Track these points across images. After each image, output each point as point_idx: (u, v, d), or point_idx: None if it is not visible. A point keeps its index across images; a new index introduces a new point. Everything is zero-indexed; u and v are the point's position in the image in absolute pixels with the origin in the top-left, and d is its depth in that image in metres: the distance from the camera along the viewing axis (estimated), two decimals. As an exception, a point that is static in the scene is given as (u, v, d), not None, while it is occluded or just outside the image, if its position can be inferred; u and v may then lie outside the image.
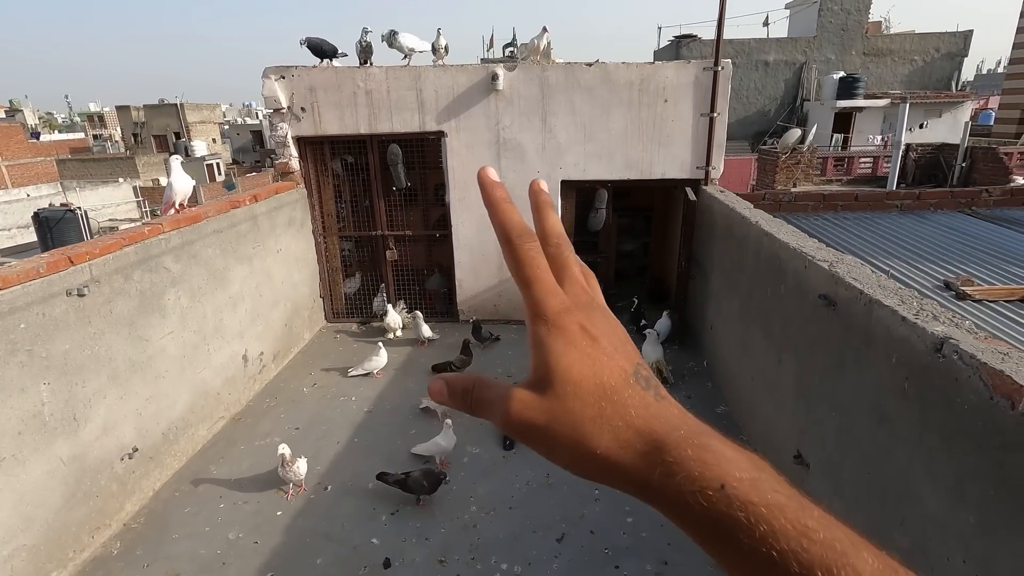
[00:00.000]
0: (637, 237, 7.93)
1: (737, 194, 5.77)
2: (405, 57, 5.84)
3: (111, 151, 44.34)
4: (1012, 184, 13.44)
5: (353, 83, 5.67)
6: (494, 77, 5.53)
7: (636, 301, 6.20)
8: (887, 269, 5.41)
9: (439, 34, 5.92)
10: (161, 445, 3.90)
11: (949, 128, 24.51)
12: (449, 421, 3.99)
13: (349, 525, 3.49)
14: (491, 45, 30.80)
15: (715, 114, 5.51)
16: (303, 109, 5.80)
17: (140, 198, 24.33)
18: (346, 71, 5.71)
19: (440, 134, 5.85)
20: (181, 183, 4.41)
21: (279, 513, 3.61)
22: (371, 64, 5.77)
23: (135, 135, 45.20)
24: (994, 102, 30.30)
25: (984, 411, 1.81)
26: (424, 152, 6.28)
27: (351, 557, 3.24)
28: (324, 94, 5.74)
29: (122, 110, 46.55)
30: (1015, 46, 26.80)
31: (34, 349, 2.96)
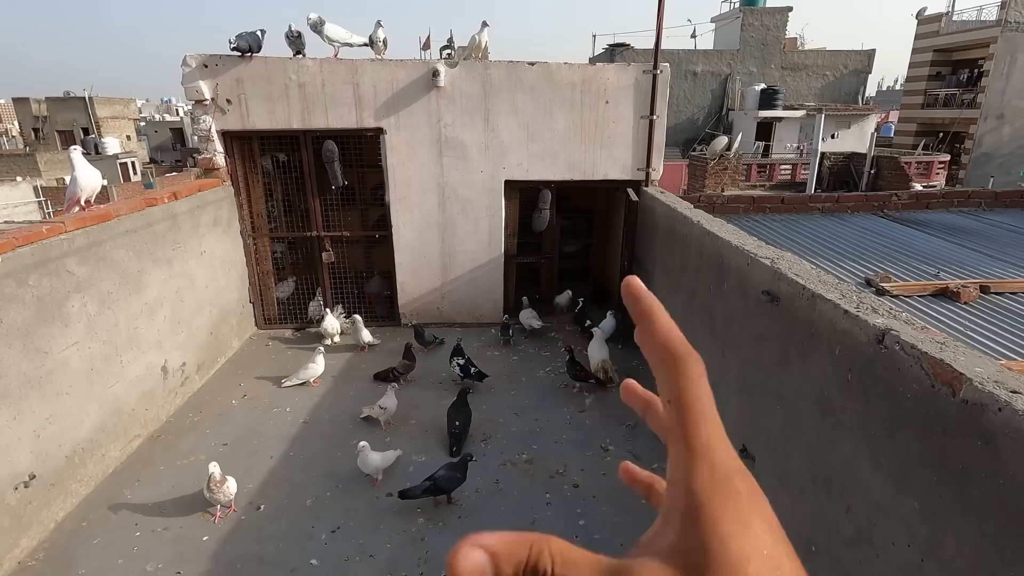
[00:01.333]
0: (579, 238, 7.98)
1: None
2: (335, 50, 5.56)
3: (7, 147, 40.36)
4: (915, 189, 14.68)
5: (284, 75, 5.36)
6: (435, 73, 5.37)
7: (581, 302, 6.21)
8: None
9: (378, 26, 5.70)
10: (64, 470, 3.48)
11: (857, 139, 26.58)
12: (395, 384, 3.87)
13: (285, 546, 3.23)
14: (427, 46, 30.42)
15: (654, 116, 5.61)
16: (229, 101, 5.41)
17: (43, 198, 22.21)
18: (276, 62, 5.38)
19: (379, 131, 5.62)
20: (86, 177, 3.97)
21: (205, 538, 3.30)
22: (303, 56, 5.46)
23: (36, 130, 41.36)
24: (894, 116, 33.20)
25: (926, 399, 1.87)
26: (362, 150, 6.02)
27: (288, 582, 2.99)
28: (252, 86, 5.38)
29: (20, 102, 42.49)
30: (911, 65, 29.40)
31: (-99, 366, 2.54)
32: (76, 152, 4.04)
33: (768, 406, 3.02)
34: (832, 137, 27.57)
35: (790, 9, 29.05)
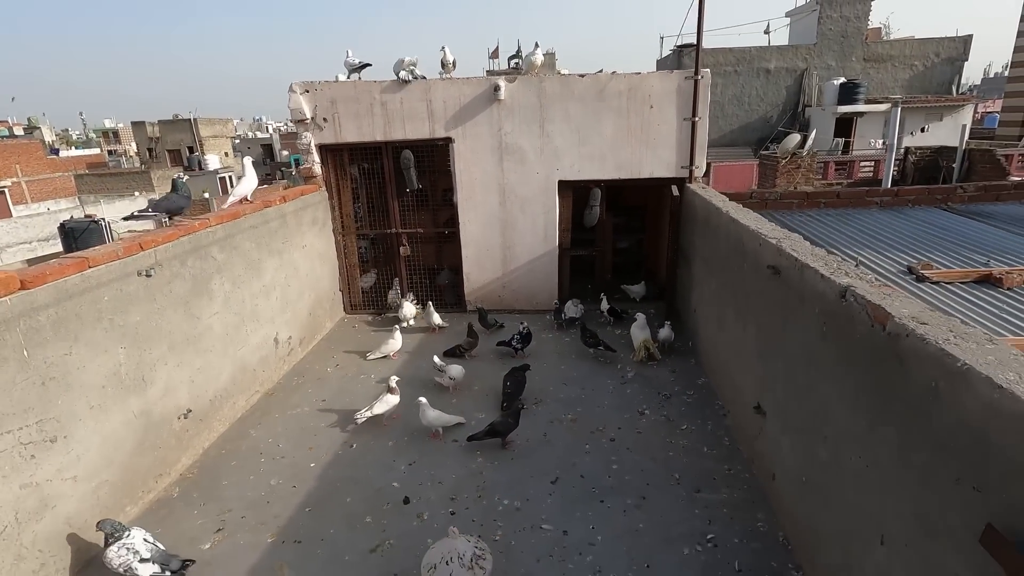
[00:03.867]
0: (632, 234, 8.49)
1: (727, 193, 6.32)
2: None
3: (126, 166, 45.64)
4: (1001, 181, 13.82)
5: (370, 95, 6.32)
6: (496, 88, 6.14)
7: (604, 297, 6.59)
8: (856, 257, 5.94)
9: (445, 51, 6.56)
10: (209, 410, 4.50)
11: (950, 131, 24.91)
12: (395, 380, 4.75)
13: (372, 473, 4.06)
14: (496, 55, 31.65)
15: (697, 118, 6.08)
16: (325, 120, 6.45)
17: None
18: (364, 85, 6.35)
19: (448, 140, 6.46)
20: (251, 179, 5.30)
21: (312, 465, 4.19)
22: (361, 78, 6.51)
23: (150, 150, 46.50)
24: (999, 105, 30.70)
25: (868, 337, 2.36)
26: (434, 157, 6.90)
27: (375, 496, 3.80)
28: (344, 106, 6.38)
29: (137, 126, 47.94)
30: (1016, 50, 27.21)
31: (114, 318, 3.57)
32: (248, 159, 5.28)
33: (775, 365, 3.49)
34: (922, 131, 26.00)
35: (873, -2, 27.69)
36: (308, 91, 6.38)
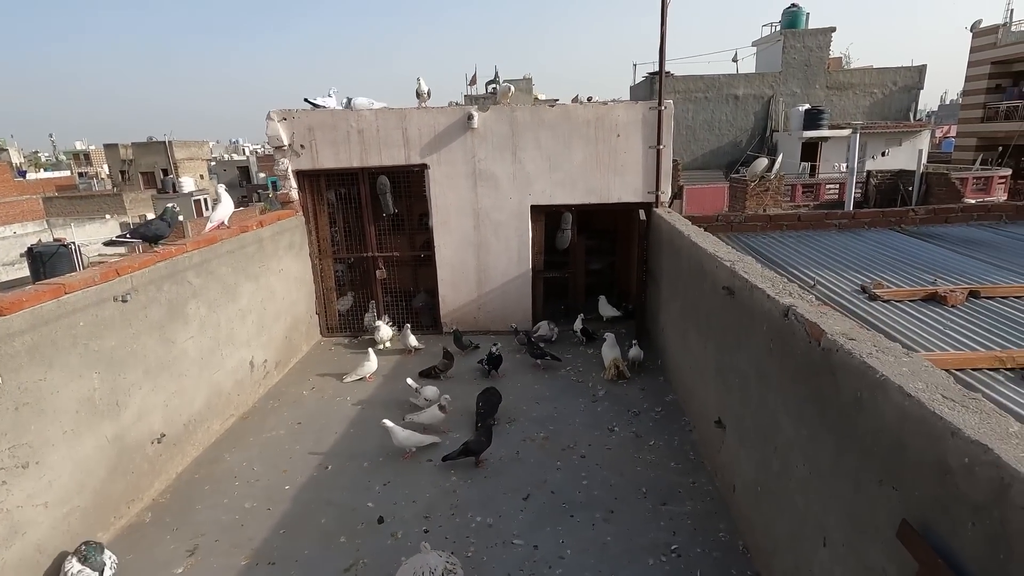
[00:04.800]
0: (604, 256, 8.74)
1: (695, 216, 6.61)
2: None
3: (97, 188, 44.89)
4: (964, 204, 14.56)
5: (347, 123, 6.49)
6: (470, 117, 6.37)
7: (580, 317, 6.80)
8: (813, 277, 6.25)
9: (420, 81, 6.80)
10: (183, 434, 4.51)
11: (909, 156, 26.10)
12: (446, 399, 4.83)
13: (347, 494, 4.11)
14: (474, 81, 32.27)
15: (661, 146, 6.39)
16: (302, 146, 6.59)
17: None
18: (341, 113, 6.53)
19: (424, 166, 6.65)
20: (227, 206, 5.38)
21: (287, 487, 4.22)
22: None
23: (122, 172, 45.86)
24: (955, 130, 32.31)
25: (806, 353, 2.56)
26: (410, 183, 7.08)
27: (350, 516, 3.86)
28: (321, 133, 6.54)
29: (110, 148, 47.30)
30: (967, 79, 28.80)
31: (89, 344, 3.62)
32: (222, 187, 5.36)
33: (732, 382, 3.69)
34: (883, 155, 27.20)
35: (833, 30, 29.11)
36: (286, 119, 6.53)
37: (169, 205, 5.16)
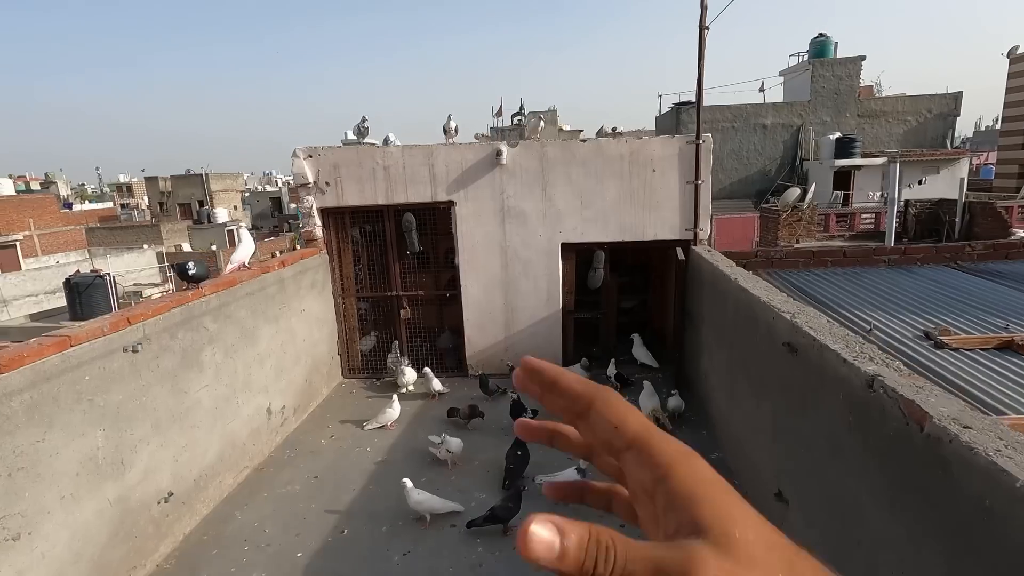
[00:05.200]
0: (636, 294, 8.35)
1: (732, 252, 6.23)
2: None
3: (137, 219, 46.48)
4: (1017, 236, 13.80)
5: (373, 160, 6.34)
6: (498, 153, 6.16)
7: (612, 362, 6.40)
8: (870, 321, 5.76)
9: (449, 118, 6.65)
10: (192, 491, 4.23)
11: (947, 184, 25.22)
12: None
13: (364, 566, 3.75)
14: (500, 114, 32.62)
15: (699, 181, 6.05)
16: (327, 183, 6.45)
17: (164, 263, 25.39)
18: (367, 149, 6.39)
19: (450, 203, 6.44)
20: (248, 246, 5.27)
21: (299, 555, 3.89)
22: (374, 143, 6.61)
23: (161, 204, 47.48)
24: (994, 157, 31.25)
25: (903, 436, 2.15)
26: (435, 219, 6.87)
27: (366, 593, 3.49)
28: (347, 170, 6.40)
29: (150, 180, 49.16)
30: (1006, 105, 27.92)
31: (95, 399, 3.39)
32: (243, 228, 5.18)
33: (795, 450, 3.25)
34: (920, 183, 26.32)
35: (863, 58, 28.66)
36: (311, 156, 6.42)
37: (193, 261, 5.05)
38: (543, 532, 0.28)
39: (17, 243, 26.26)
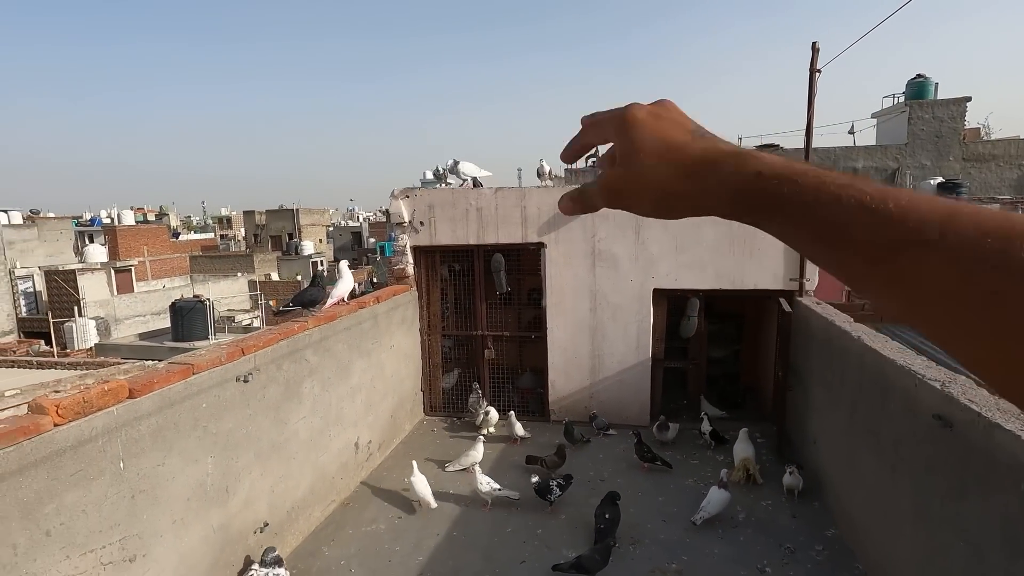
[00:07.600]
0: (727, 344, 7.90)
1: (834, 303, 5.77)
2: (463, 183, 6.85)
3: (233, 249, 50.32)
4: None
5: (466, 201, 6.47)
6: (591, 196, 6.10)
7: (705, 416, 6.02)
8: None
9: (542, 162, 6.73)
10: (285, 522, 4.28)
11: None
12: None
13: (451, 619, 3.59)
14: (586, 160, 33.00)
15: (807, 229, 5.68)
16: (421, 223, 6.63)
17: (256, 292, 27.11)
18: (461, 192, 6.54)
19: (540, 245, 6.42)
20: (348, 282, 5.33)
21: (385, 600, 3.79)
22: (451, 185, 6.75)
23: (255, 235, 51.22)
24: None
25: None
26: (521, 259, 6.86)
27: (454, 652, 3.32)
28: (441, 210, 6.56)
29: (247, 214, 53.27)
30: None
31: (208, 426, 3.52)
32: (344, 264, 5.40)
33: (948, 540, 2.83)
34: (1038, 231, 23.85)
35: (968, 99, 26.76)
36: (408, 196, 6.64)
37: (320, 269, 5.25)
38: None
39: (132, 268, 29.02)
